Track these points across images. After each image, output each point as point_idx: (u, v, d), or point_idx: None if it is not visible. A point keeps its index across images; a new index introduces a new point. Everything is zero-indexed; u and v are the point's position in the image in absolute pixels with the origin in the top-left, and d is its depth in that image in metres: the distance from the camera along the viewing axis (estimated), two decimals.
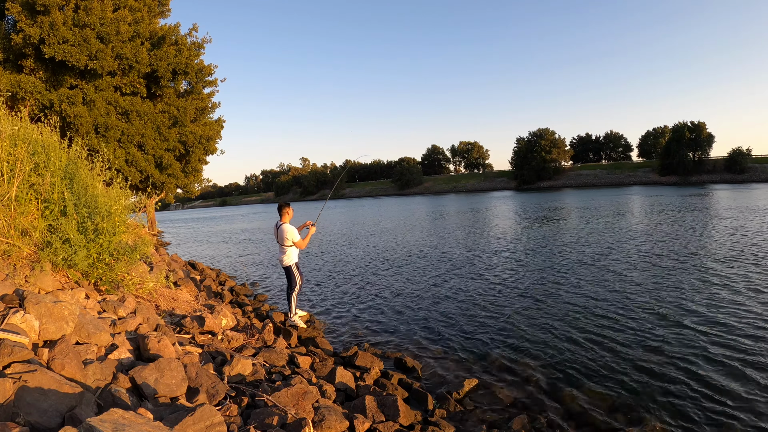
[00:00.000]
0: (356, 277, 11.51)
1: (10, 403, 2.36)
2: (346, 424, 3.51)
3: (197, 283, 9.59)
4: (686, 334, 6.01)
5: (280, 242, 7.23)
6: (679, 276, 9.20)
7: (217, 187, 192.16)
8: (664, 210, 24.54)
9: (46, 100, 17.87)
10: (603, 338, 6.09)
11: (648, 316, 6.88)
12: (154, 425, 2.22)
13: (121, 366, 3.45)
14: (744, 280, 8.55)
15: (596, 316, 7.01)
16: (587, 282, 9.24)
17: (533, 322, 6.95)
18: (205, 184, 44.81)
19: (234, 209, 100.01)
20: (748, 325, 6.16)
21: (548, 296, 8.39)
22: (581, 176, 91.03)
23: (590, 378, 4.97)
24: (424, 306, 8.32)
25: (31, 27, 17.11)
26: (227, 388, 3.65)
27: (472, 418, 4.27)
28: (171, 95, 22.68)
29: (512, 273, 10.65)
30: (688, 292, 7.98)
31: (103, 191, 5.75)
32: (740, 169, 70.64)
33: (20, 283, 4.06)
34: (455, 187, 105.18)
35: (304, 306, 8.70)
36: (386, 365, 5.60)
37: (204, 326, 5.48)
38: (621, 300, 7.81)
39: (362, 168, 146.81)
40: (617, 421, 4.10)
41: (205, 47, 22.79)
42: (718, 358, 5.22)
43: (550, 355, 5.68)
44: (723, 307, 7.03)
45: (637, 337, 6.02)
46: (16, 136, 4.96)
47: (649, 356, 5.41)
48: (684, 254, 11.43)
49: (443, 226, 24.07)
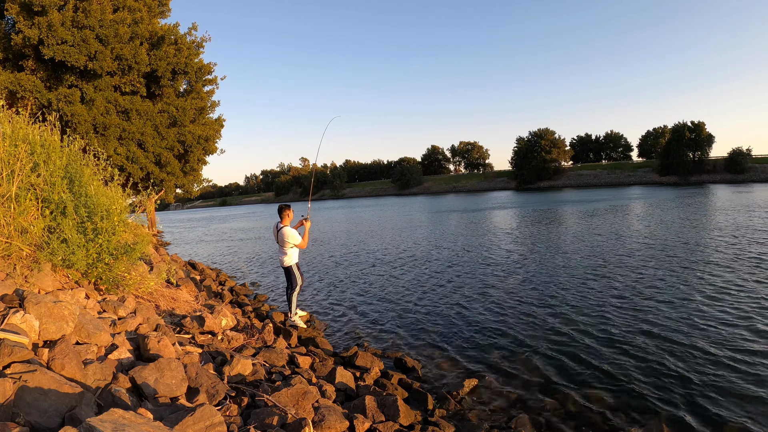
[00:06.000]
0: (356, 277, 11.51)
1: (10, 403, 2.36)
2: (346, 424, 3.51)
3: (197, 283, 9.59)
4: (687, 334, 6.01)
5: (280, 244, 7.22)
6: (679, 275, 9.20)
7: (217, 187, 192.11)
8: (664, 210, 24.55)
9: (44, 99, 17.87)
10: (603, 338, 6.09)
11: (648, 316, 6.88)
12: (154, 425, 2.22)
13: (121, 366, 3.44)
14: (745, 280, 8.55)
15: (596, 317, 7.01)
16: (587, 282, 9.24)
17: (533, 322, 6.95)
18: (204, 184, 44.85)
19: (234, 209, 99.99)
20: (750, 325, 6.16)
21: (548, 296, 8.39)
22: (581, 176, 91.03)
23: (590, 378, 4.97)
24: (424, 306, 8.32)
25: (29, 28, 17.10)
26: (227, 388, 3.65)
27: (472, 418, 4.27)
28: (171, 95, 22.66)
29: (512, 273, 10.65)
30: (688, 292, 7.98)
31: (102, 191, 5.74)
32: (740, 169, 70.62)
33: (20, 283, 4.06)
34: (455, 187, 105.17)
35: (305, 306, 8.70)
36: (386, 365, 5.60)
37: (204, 326, 5.48)
38: (621, 300, 7.81)
39: (362, 168, 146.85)
40: (617, 421, 4.10)
41: (204, 46, 22.77)
42: (720, 358, 5.22)
43: (550, 355, 5.68)
44: (724, 307, 7.03)
45: (638, 337, 6.02)
46: (17, 136, 4.96)
47: (649, 356, 5.41)
48: (684, 254, 11.43)
49: (443, 226, 24.07)
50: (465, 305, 8.16)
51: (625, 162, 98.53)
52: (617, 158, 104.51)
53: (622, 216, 22.77)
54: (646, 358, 5.37)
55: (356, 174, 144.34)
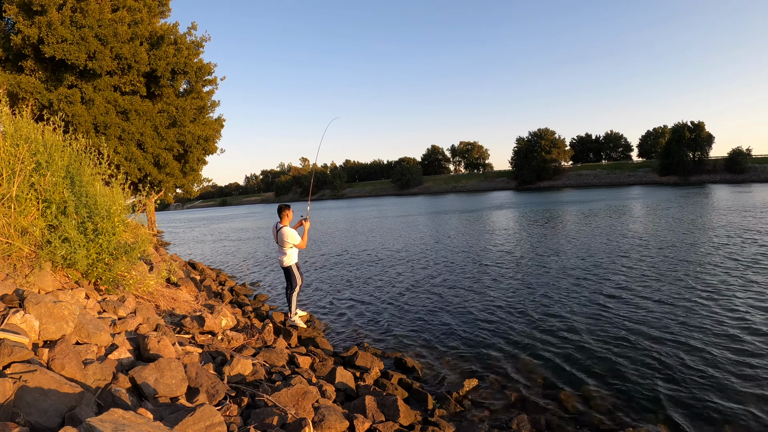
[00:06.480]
0: (356, 277, 11.51)
1: (10, 403, 2.36)
2: (346, 424, 3.50)
3: (197, 283, 9.59)
4: (687, 334, 6.01)
5: (280, 244, 7.22)
6: (678, 275, 9.20)
7: (217, 187, 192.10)
8: (664, 209, 24.54)
9: (45, 100, 17.87)
10: (603, 338, 6.09)
11: (649, 316, 6.88)
12: (154, 425, 2.22)
13: (121, 366, 3.44)
14: (746, 278, 8.55)
15: (596, 317, 7.01)
16: (587, 283, 9.24)
17: (533, 322, 6.95)
18: (204, 184, 44.86)
19: (234, 209, 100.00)
20: (751, 325, 6.16)
21: (548, 297, 8.39)
22: (581, 176, 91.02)
23: (590, 378, 4.97)
24: (424, 306, 8.32)
25: (29, 27, 17.10)
26: (227, 388, 3.64)
27: (472, 418, 4.27)
28: (170, 95, 22.66)
29: (512, 274, 10.65)
30: (687, 291, 7.98)
31: (103, 191, 5.74)
32: (740, 169, 70.63)
33: (20, 283, 4.06)
34: (455, 187, 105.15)
35: (305, 306, 8.70)
36: (386, 365, 5.60)
37: (204, 326, 5.48)
38: (621, 300, 7.81)
39: (362, 168, 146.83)
40: (617, 421, 4.10)
41: (204, 46, 22.76)
42: (720, 358, 5.22)
43: (550, 355, 5.68)
44: (725, 307, 7.03)
45: (638, 338, 6.02)
46: (19, 135, 4.96)
47: (649, 356, 5.41)
48: (684, 254, 11.43)
49: (443, 226, 24.07)
50: (465, 305, 8.16)
51: (625, 162, 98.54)
52: (617, 158, 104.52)
53: (623, 216, 22.76)
54: (646, 358, 5.37)
55: (356, 174, 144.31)
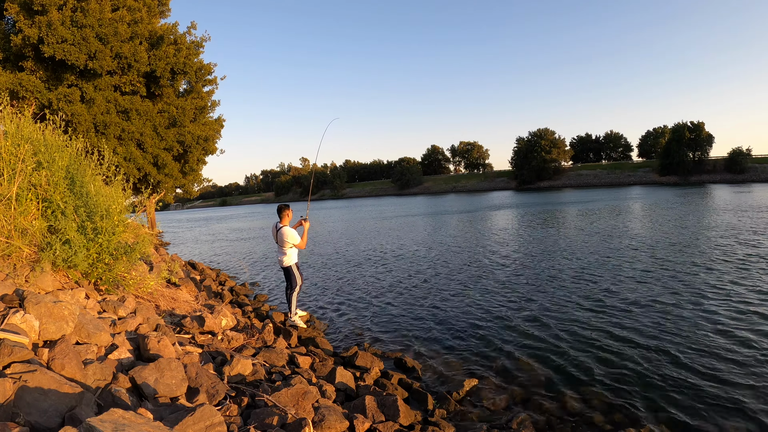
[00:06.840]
0: (356, 277, 11.51)
1: (10, 403, 2.36)
2: (346, 424, 3.50)
3: (197, 283, 9.59)
4: (687, 334, 6.01)
5: (280, 244, 7.22)
6: (681, 275, 9.20)
7: (217, 187, 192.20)
8: (663, 209, 24.54)
9: (45, 100, 17.87)
10: (603, 339, 6.09)
11: (649, 316, 6.88)
12: (154, 425, 2.22)
13: (121, 366, 3.44)
14: (746, 279, 8.55)
15: (596, 317, 7.01)
16: (587, 282, 9.24)
17: (533, 323, 6.95)
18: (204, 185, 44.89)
19: (234, 209, 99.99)
20: (751, 325, 6.16)
21: (548, 297, 8.39)
22: (581, 176, 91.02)
23: (590, 378, 4.97)
24: (424, 306, 8.32)
25: (29, 27, 17.10)
26: (227, 388, 3.64)
27: (472, 418, 4.27)
28: (170, 95, 22.65)
29: (512, 273, 10.65)
30: (690, 291, 7.98)
31: (102, 190, 5.74)
32: (740, 169, 70.64)
33: (20, 283, 4.06)
34: (455, 187, 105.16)
35: (305, 306, 8.70)
36: (386, 365, 5.60)
37: (204, 326, 5.48)
38: (621, 301, 7.81)
39: (362, 168, 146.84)
40: (617, 421, 4.10)
41: (204, 46, 22.75)
42: (720, 358, 5.22)
43: (550, 355, 5.68)
44: (725, 306, 7.03)
45: (638, 338, 6.02)
46: (20, 135, 4.96)
47: (649, 357, 5.41)
48: (684, 254, 11.43)
49: (443, 226, 24.07)
50: (465, 306, 8.16)
51: (625, 162, 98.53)
52: (617, 158, 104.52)
53: (622, 216, 22.75)
54: (646, 358, 5.37)
55: (356, 174, 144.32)
